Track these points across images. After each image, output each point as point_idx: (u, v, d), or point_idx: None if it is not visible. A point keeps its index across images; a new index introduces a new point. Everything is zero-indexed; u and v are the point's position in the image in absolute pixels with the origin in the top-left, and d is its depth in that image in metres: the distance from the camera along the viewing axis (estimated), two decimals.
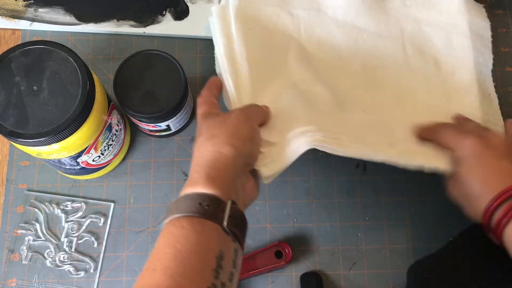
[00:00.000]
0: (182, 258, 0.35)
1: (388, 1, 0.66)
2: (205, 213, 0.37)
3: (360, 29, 0.64)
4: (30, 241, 0.58)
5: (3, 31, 0.66)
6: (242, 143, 0.43)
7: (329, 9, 0.64)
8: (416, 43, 0.64)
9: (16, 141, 0.47)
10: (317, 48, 0.62)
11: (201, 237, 0.36)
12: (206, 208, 0.37)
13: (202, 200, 0.38)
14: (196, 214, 0.37)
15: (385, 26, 0.64)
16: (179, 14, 0.66)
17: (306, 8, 0.63)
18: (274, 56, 0.60)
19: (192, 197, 0.38)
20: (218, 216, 0.38)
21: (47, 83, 0.47)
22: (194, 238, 0.36)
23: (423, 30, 0.64)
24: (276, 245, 0.57)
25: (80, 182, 0.61)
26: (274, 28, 0.62)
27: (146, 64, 0.55)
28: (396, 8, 0.65)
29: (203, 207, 0.37)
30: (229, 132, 0.43)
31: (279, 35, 0.62)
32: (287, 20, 0.63)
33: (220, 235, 0.38)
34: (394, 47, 0.63)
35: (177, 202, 0.39)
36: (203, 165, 0.41)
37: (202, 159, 0.42)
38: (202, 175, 0.40)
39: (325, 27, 0.64)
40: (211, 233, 0.37)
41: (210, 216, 0.37)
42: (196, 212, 0.37)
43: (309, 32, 0.63)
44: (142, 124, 0.57)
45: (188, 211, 0.37)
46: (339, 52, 0.62)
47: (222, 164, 0.41)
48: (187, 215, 0.37)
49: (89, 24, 0.66)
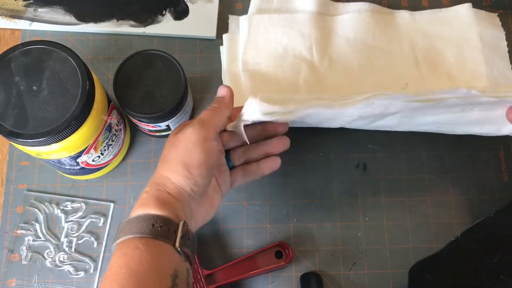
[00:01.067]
0: (138, 278, 0.36)
1: (397, 17, 0.66)
2: (158, 234, 0.38)
3: (371, 46, 0.64)
4: (30, 241, 0.58)
5: (2, 31, 0.66)
6: (189, 171, 0.42)
7: (339, 28, 0.64)
8: (429, 58, 0.64)
9: (15, 141, 0.47)
10: (329, 67, 0.63)
11: (155, 257, 0.37)
12: (159, 229, 0.38)
13: (155, 221, 0.39)
14: (150, 235, 0.38)
15: (397, 42, 0.64)
16: (179, 14, 0.66)
17: (317, 27, 0.64)
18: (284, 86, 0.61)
19: (145, 218, 0.39)
20: (171, 236, 0.39)
21: (47, 83, 0.47)
22: (149, 258, 0.37)
23: (435, 45, 0.64)
24: (276, 245, 0.57)
25: (80, 182, 0.61)
26: (285, 51, 0.63)
27: (146, 64, 0.55)
28: (405, 23, 0.65)
29: (156, 228, 0.38)
30: (179, 158, 0.43)
31: (290, 60, 0.62)
32: (299, 41, 0.63)
33: (173, 255, 0.39)
34: (407, 63, 0.63)
35: (129, 223, 0.39)
36: (153, 187, 0.42)
37: (154, 181, 0.43)
38: (152, 197, 0.41)
39: (337, 46, 0.64)
40: (165, 253, 0.38)
41: (164, 236, 0.38)
42: (150, 233, 0.38)
43: (321, 52, 0.63)
44: (142, 124, 0.57)
45: (142, 232, 0.38)
46: (352, 70, 0.63)
47: (170, 189, 0.42)
48: (141, 236, 0.38)
49: (89, 24, 0.65)
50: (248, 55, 0.63)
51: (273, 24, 0.64)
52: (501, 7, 0.68)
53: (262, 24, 0.64)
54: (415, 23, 0.65)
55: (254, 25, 0.64)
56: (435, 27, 0.65)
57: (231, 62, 0.64)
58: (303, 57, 0.63)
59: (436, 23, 0.65)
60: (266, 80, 0.62)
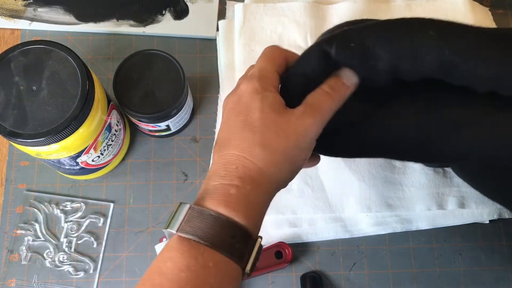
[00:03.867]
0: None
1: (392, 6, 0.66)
2: (233, 252, 0.30)
3: None
4: (30, 242, 0.58)
5: (2, 31, 0.66)
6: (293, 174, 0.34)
7: (334, 17, 0.64)
8: None
9: (15, 141, 0.47)
10: None
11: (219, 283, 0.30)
12: (237, 245, 0.30)
13: (235, 234, 0.30)
14: (225, 252, 0.30)
15: None
16: (178, 14, 0.66)
17: (312, 16, 0.64)
18: None
19: (225, 224, 0.30)
20: (244, 257, 0.31)
21: (47, 83, 0.47)
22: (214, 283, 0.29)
23: None
24: (276, 245, 0.57)
25: (80, 182, 0.61)
26: (279, 39, 0.63)
27: (146, 64, 0.55)
28: (401, 12, 0.65)
29: (233, 244, 0.30)
30: (287, 154, 0.33)
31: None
32: (294, 28, 0.63)
33: (238, 280, 0.31)
34: None
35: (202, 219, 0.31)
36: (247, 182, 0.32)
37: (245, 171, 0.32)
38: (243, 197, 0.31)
39: None
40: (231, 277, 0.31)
41: (238, 256, 0.30)
42: (226, 249, 0.30)
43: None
44: (141, 124, 0.57)
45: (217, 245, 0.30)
46: None
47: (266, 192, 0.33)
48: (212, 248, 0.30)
49: (89, 24, 0.65)
50: (243, 42, 0.63)
51: (267, 13, 0.64)
52: (501, 7, 0.68)
53: (257, 13, 0.64)
54: (411, 12, 0.65)
55: (249, 13, 0.64)
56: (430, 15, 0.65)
57: (226, 49, 0.64)
58: (297, 46, 0.63)
59: (431, 12, 0.65)
60: None
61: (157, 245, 0.56)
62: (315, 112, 0.33)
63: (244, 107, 0.34)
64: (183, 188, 0.60)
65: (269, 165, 0.32)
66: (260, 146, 0.32)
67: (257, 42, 0.63)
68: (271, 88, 0.34)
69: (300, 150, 0.33)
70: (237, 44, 0.63)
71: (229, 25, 0.65)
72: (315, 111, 0.33)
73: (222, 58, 0.64)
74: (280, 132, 0.32)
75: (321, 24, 0.64)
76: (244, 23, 0.64)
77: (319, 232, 0.58)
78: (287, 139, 0.32)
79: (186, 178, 0.61)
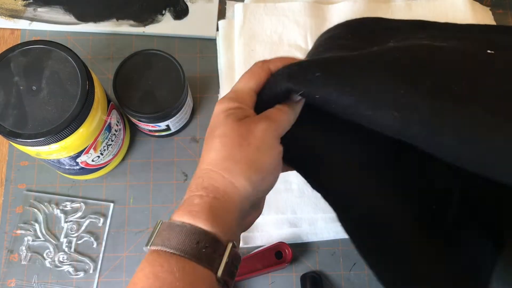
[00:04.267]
0: None
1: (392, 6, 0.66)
2: (201, 257, 0.32)
3: None
4: (29, 242, 0.58)
5: (2, 31, 0.66)
6: (261, 179, 0.35)
7: (334, 17, 0.64)
8: None
9: (15, 141, 0.47)
10: None
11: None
12: (203, 250, 0.32)
13: (201, 240, 0.32)
14: (191, 256, 0.31)
15: None
16: (178, 14, 0.66)
17: (312, 16, 0.64)
18: None
19: (190, 232, 0.32)
20: (215, 262, 0.32)
21: (46, 83, 0.47)
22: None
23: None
24: (276, 246, 0.57)
25: (80, 182, 0.61)
26: (279, 39, 0.63)
27: (146, 64, 0.55)
28: (401, 12, 0.65)
29: (199, 249, 0.32)
30: (250, 160, 0.34)
31: (285, 49, 0.63)
32: (294, 28, 0.63)
33: (211, 284, 0.32)
34: None
35: (170, 229, 0.33)
36: (210, 191, 0.34)
37: (210, 182, 0.34)
38: (206, 205, 0.33)
39: None
40: (203, 282, 0.32)
41: (207, 261, 0.32)
42: (191, 254, 0.31)
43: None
44: (141, 124, 0.57)
45: (182, 250, 0.32)
46: None
47: (232, 199, 0.34)
48: (180, 255, 0.32)
49: (89, 24, 0.65)
50: (243, 42, 0.63)
51: (268, 12, 0.64)
52: (501, 7, 0.68)
53: (257, 13, 0.64)
54: (411, 12, 0.65)
55: (249, 13, 0.64)
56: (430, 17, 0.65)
57: (226, 49, 0.64)
58: (298, 46, 0.63)
59: (432, 12, 0.65)
60: None
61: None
62: (268, 119, 0.36)
63: (213, 125, 0.37)
64: (183, 188, 0.60)
65: (234, 173, 0.34)
66: (223, 158, 0.35)
67: (257, 42, 0.63)
68: (241, 105, 0.37)
69: (261, 153, 0.35)
70: (237, 44, 0.63)
71: (229, 25, 0.65)
72: (268, 118, 0.37)
73: (222, 58, 0.64)
74: (241, 140, 0.35)
75: (321, 24, 0.64)
76: (244, 23, 0.64)
77: (319, 232, 0.58)
78: (248, 145, 0.35)
79: (186, 178, 0.61)
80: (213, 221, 0.33)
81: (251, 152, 0.35)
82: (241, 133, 0.35)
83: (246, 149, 0.35)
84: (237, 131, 0.35)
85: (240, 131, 0.35)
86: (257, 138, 0.35)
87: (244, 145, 0.35)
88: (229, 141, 0.35)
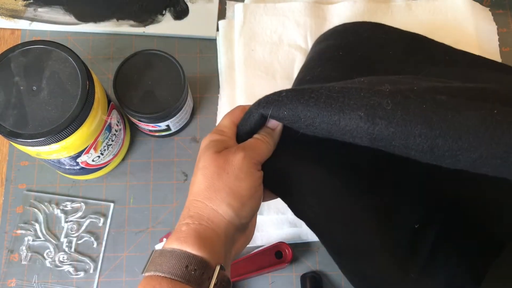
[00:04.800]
0: None
1: (392, 6, 0.66)
2: (191, 279, 0.34)
3: None
4: (30, 241, 0.58)
5: (2, 31, 0.66)
6: (241, 204, 0.38)
7: (334, 17, 0.64)
8: None
9: (15, 141, 0.47)
10: None
11: None
12: (192, 273, 0.34)
13: (189, 263, 0.35)
14: (181, 278, 0.34)
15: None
16: (179, 14, 0.66)
17: (312, 16, 0.64)
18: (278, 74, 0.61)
19: (179, 256, 0.35)
20: (204, 283, 0.35)
21: (47, 83, 0.47)
22: None
23: (431, 37, 0.63)
24: (276, 246, 0.57)
25: (80, 182, 0.61)
26: (279, 39, 0.63)
27: (146, 64, 0.55)
28: (401, 12, 0.65)
29: (189, 271, 0.34)
30: (229, 186, 0.38)
31: (285, 49, 0.63)
32: (294, 28, 0.63)
33: None
34: None
35: (162, 256, 0.36)
36: (195, 219, 0.37)
37: (197, 211, 0.38)
38: (193, 232, 0.36)
39: None
40: None
41: (196, 283, 0.34)
42: (181, 276, 0.34)
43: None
44: (141, 124, 0.57)
45: (172, 273, 0.34)
46: None
47: (216, 225, 0.37)
48: (171, 277, 0.34)
49: (89, 24, 0.65)
50: (243, 42, 0.63)
51: (268, 13, 0.64)
52: (500, 7, 0.68)
53: (257, 13, 0.64)
54: (411, 13, 0.65)
55: (249, 13, 0.64)
56: (430, 17, 0.65)
57: (226, 49, 0.64)
58: (297, 46, 0.63)
59: (432, 13, 0.65)
60: (261, 67, 0.62)
61: (157, 245, 0.56)
62: (244, 149, 0.39)
63: (197, 158, 0.40)
64: (183, 188, 0.60)
65: (215, 201, 0.37)
66: (205, 188, 0.38)
67: (257, 42, 0.63)
68: (221, 137, 0.41)
69: (239, 181, 0.38)
70: (237, 44, 0.63)
71: (229, 25, 0.65)
72: (245, 148, 0.40)
73: (222, 58, 0.64)
74: (219, 170, 0.38)
75: (321, 24, 0.64)
76: (244, 23, 0.64)
77: None
78: (226, 174, 0.38)
79: (186, 178, 0.61)
80: (200, 245, 0.36)
81: (229, 180, 0.38)
82: (220, 164, 0.38)
83: (225, 178, 0.38)
84: (216, 162, 0.38)
85: (219, 162, 0.38)
86: (235, 167, 0.38)
87: (223, 175, 0.38)
88: (209, 172, 0.38)
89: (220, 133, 0.41)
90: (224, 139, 0.41)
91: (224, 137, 0.41)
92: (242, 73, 0.62)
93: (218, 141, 0.40)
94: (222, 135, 0.41)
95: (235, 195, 0.38)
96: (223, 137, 0.41)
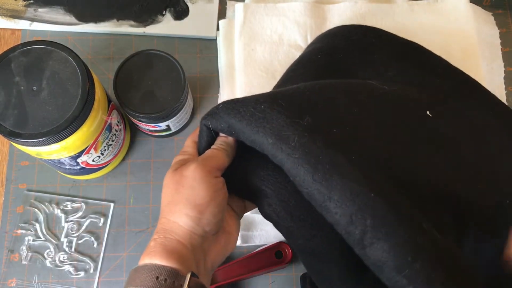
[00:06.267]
0: None
1: (394, 7, 0.65)
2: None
3: None
4: (30, 241, 0.58)
5: (2, 31, 0.66)
6: (199, 212, 0.39)
7: (335, 17, 0.64)
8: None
9: (15, 141, 0.47)
10: None
11: None
12: (163, 282, 0.36)
13: (159, 274, 0.36)
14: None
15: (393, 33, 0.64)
16: (179, 14, 0.66)
17: (312, 16, 0.64)
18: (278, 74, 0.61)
19: (149, 269, 0.37)
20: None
21: (47, 83, 0.47)
22: None
23: (432, 39, 0.63)
24: (276, 245, 0.57)
25: (80, 182, 0.61)
26: (280, 39, 0.63)
27: (146, 64, 0.55)
28: (402, 14, 0.65)
29: (160, 282, 0.36)
30: (185, 198, 0.40)
31: (285, 49, 0.63)
32: (294, 28, 0.63)
33: None
34: None
35: (136, 272, 0.37)
36: (160, 233, 0.39)
37: (162, 226, 0.40)
38: (159, 246, 0.38)
39: None
40: None
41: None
42: (152, 287, 0.36)
43: None
44: (142, 124, 0.57)
45: (144, 285, 0.36)
46: None
47: (180, 236, 0.39)
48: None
49: (89, 24, 0.65)
50: (243, 42, 0.63)
51: (268, 12, 0.64)
52: (501, 7, 0.68)
53: (257, 13, 0.64)
54: (412, 14, 0.65)
55: (249, 13, 0.64)
56: (432, 20, 0.65)
57: (226, 49, 0.64)
58: (298, 46, 0.63)
59: (433, 15, 0.65)
60: (261, 67, 0.62)
61: None
62: (198, 159, 0.42)
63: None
64: None
65: (175, 214, 0.39)
66: (167, 204, 0.40)
67: (257, 42, 0.63)
68: (183, 156, 0.43)
69: (195, 190, 0.40)
70: (237, 44, 0.63)
71: (229, 25, 0.65)
72: (199, 159, 0.42)
73: (222, 58, 0.64)
74: (177, 185, 0.40)
75: (321, 24, 0.64)
76: (245, 23, 0.64)
77: None
78: (183, 187, 0.40)
79: None
80: (167, 256, 0.37)
81: (186, 192, 0.40)
82: (176, 179, 0.41)
83: (182, 191, 0.40)
84: (174, 179, 0.41)
85: (176, 179, 0.41)
86: (189, 178, 0.40)
87: (180, 189, 0.40)
88: (169, 190, 0.41)
89: (183, 154, 0.44)
90: (185, 158, 0.43)
91: (186, 156, 0.43)
92: (242, 73, 0.62)
93: (181, 160, 0.43)
94: (184, 154, 0.44)
95: (191, 205, 0.39)
96: (185, 156, 0.43)
